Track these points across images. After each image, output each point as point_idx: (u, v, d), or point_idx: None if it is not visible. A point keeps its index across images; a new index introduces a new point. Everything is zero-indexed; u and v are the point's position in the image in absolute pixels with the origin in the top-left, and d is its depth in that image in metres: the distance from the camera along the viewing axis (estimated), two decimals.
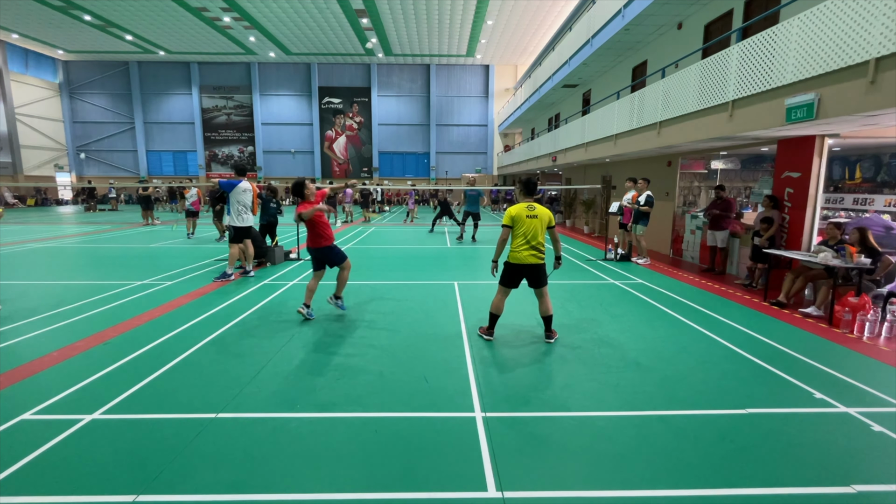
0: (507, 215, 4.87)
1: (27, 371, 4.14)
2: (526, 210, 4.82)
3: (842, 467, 2.85)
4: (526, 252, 4.77)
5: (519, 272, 4.87)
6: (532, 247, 4.77)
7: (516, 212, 4.83)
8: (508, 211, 4.86)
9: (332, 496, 2.55)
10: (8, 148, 30.89)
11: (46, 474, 2.71)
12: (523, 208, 4.84)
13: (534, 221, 4.79)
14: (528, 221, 4.78)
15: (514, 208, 4.86)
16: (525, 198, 4.99)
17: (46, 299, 6.63)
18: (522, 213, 4.81)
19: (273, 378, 4.04)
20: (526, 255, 4.78)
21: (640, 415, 3.47)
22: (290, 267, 9.31)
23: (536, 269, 4.84)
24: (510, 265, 4.89)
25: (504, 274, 4.96)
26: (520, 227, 4.79)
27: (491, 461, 2.86)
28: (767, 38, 6.51)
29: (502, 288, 4.99)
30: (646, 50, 13.76)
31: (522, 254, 4.78)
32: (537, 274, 4.86)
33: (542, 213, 4.84)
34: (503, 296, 5.00)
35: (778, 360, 4.56)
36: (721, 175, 10.27)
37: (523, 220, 4.78)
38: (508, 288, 4.97)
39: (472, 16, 25.69)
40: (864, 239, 6.05)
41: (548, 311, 4.96)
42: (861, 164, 7.44)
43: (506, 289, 4.98)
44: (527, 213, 4.80)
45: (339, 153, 37.47)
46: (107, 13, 25.31)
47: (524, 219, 4.79)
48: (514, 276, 4.90)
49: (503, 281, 4.96)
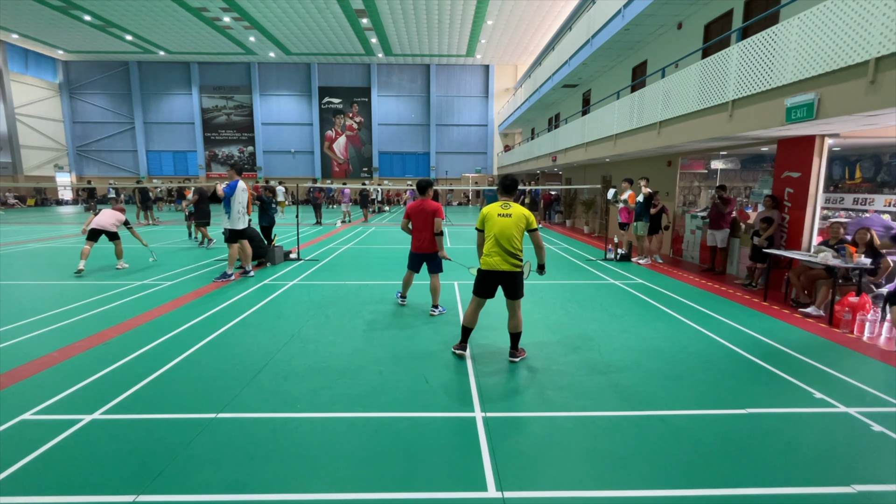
0: (479, 217, 4.45)
1: (27, 371, 4.14)
2: (499, 208, 4.35)
3: (842, 467, 2.84)
4: (497, 257, 4.26)
5: (492, 280, 4.35)
6: (504, 251, 4.25)
7: (488, 211, 4.39)
8: (481, 212, 4.46)
9: (332, 496, 2.55)
10: (8, 148, 30.89)
11: (46, 474, 2.71)
12: (496, 207, 4.38)
13: (506, 221, 4.27)
14: (500, 221, 4.28)
15: (487, 208, 4.43)
16: (503, 196, 4.53)
17: (47, 299, 6.63)
18: (493, 213, 4.34)
19: (273, 378, 4.04)
20: (497, 261, 4.26)
21: (640, 415, 3.47)
22: (289, 267, 9.31)
23: (510, 278, 4.29)
24: (481, 272, 4.41)
25: (476, 281, 4.48)
26: (491, 228, 4.31)
27: (491, 461, 2.86)
28: (767, 38, 6.51)
29: (475, 298, 4.49)
30: (646, 50, 13.76)
31: (493, 258, 4.28)
32: (512, 283, 4.31)
33: (516, 213, 4.30)
34: (476, 307, 4.50)
35: (778, 360, 4.56)
36: (721, 175, 10.27)
37: (494, 220, 4.30)
38: (481, 298, 4.47)
39: (472, 16, 25.68)
40: (873, 239, 6.05)
41: (517, 328, 4.42)
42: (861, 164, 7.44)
43: (479, 299, 4.48)
44: (499, 212, 4.32)
45: (339, 153, 37.46)
46: (107, 13, 25.30)
47: (495, 217, 4.31)
48: (486, 283, 4.39)
49: (475, 289, 4.48)
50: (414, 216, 5.95)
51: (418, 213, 5.92)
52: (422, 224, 5.92)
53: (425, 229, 5.92)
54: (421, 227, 5.93)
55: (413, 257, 6.15)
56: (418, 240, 5.99)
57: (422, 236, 5.95)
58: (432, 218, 5.90)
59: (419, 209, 5.91)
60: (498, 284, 4.39)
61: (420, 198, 6.02)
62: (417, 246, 6.02)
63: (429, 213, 5.89)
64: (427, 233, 5.93)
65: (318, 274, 8.72)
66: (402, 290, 6.54)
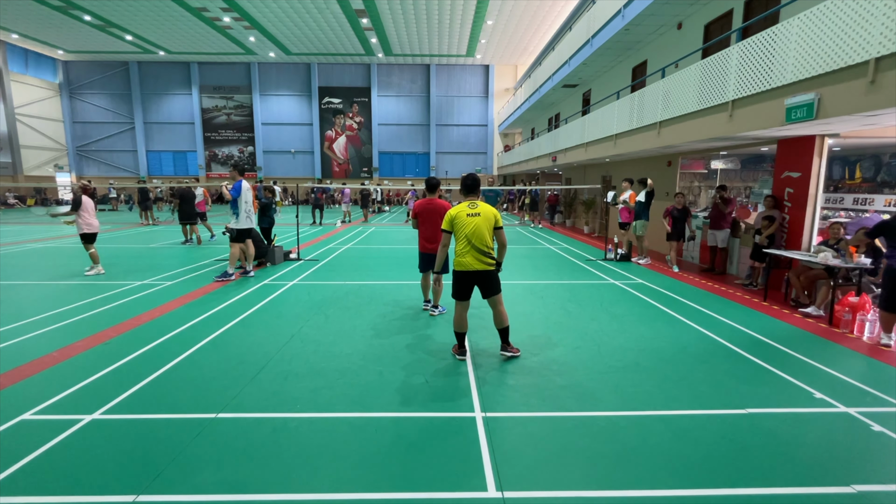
0: (447, 218, 4.41)
1: (27, 371, 4.14)
2: (467, 208, 4.33)
3: (842, 467, 2.84)
4: (469, 257, 4.27)
5: (467, 280, 4.34)
6: (476, 250, 4.25)
7: (455, 212, 4.36)
8: (447, 213, 4.44)
9: (332, 496, 2.55)
10: (8, 148, 30.89)
11: (46, 474, 2.71)
12: (464, 207, 4.36)
13: (475, 220, 4.26)
14: (469, 221, 4.27)
15: (454, 209, 4.40)
16: (466, 196, 4.50)
17: (46, 299, 6.63)
18: (462, 213, 4.32)
19: (273, 378, 4.04)
20: (470, 261, 4.27)
21: (640, 415, 3.47)
22: (289, 267, 9.31)
23: (485, 276, 4.32)
24: (456, 273, 4.37)
25: (453, 285, 4.44)
26: (461, 229, 4.29)
27: (491, 461, 2.86)
28: (767, 37, 6.50)
29: (457, 302, 4.46)
30: (646, 50, 13.76)
31: (466, 259, 4.27)
32: (488, 281, 4.34)
33: (485, 212, 4.31)
34: (462, 310, 4.45)
35: (778, 360, 4.56)
36: (721, 175, 10.27)
37: (463, 220, 4.29)
38: (463, 301, 4.42)
39: (472, 16, 25.69)
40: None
41: (503, 323, 4.47)
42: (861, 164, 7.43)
43: (461, 302, 4.43)
44: (467, 212, 4.31)
45: (339, 153, 37.47)
46: (107, 13, 25.31)
47: (464, 218, 4.29)
48: (462, 285, 4.36)
49: (454, 293, 4.44)
50: (422, 215, 5.87)
51: (427, 211, 5.84)
52: (432, 224, 5.83)
53: (435, 229, 5.81)
54: (429, 227, 5.86)
55: (423, 258, 6.06)
56: (426, 239, 5.92)
57: (430, 236, 5.89)
58: (440, 217, 5.84)
59: (428, 208, 5.84)
60: (473, 284, 4.39)
61: (429, 196, 5.97)
62: (425, 245, 5.96)
63: (438, 213, 5.79)
64: (437, 233, 5.81)
65: (318, 274, 8.72)
66: (425, 296, 6.35)
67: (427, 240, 5.93)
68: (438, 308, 6.11)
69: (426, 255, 6.01)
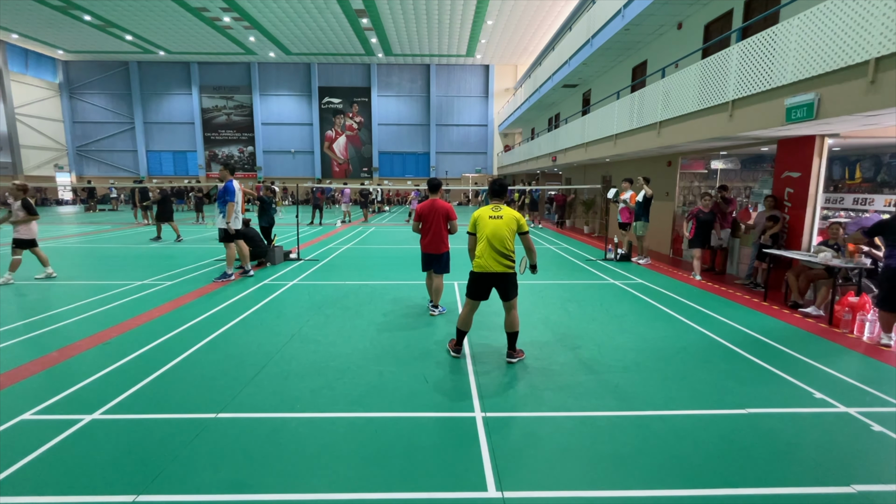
0: (471, 220, 4.49)
1: (27, 371, 4.14)
2: (490, 211, 4.40)
3: (842, 467, 2.84)
4: (489, 259, 4.29)
5: (485, 281, 4.37)
6: (495, 251, 4.28)
7: (479, 214, 4.42)
8: (472, 215, 4.49)
9: (332, 496, 2.55)
10: (8, 148, 30.87)
11: (46, 474, 2.71)
12: (488, 210, 4.42)
13: (498, 223, 4.32)
14: (491, 223, 4.32)
15: (478, 211, 4.46)
16: (493, 199, 4.58)
17: (46, 299, 6.63)
18: (485, 215, 4.38)
19: (273, 378, 4.04)
20: (490, 262, 4.29)
21: (640, 415, 3.47)
22: (289, 267, 9.31)
23: (504, 279, 4.34)
24: (474, 274, 4.41)
25: (469, 284, 4.47)
26: (483, 230, 4.34)
27: (491, 461, 2.86)
28: (767, 38, 6.50)
29: (469, 300, 4.49)
30: (646, 50, 13.76)
31: (487, 260, 4.30)
32: (505, 284, 4.36)
33: (507, 215, 4.36)
34: (470, 309, 4.51)
35: (778, 360, 4.56)
36: (721, 175, 10.27)
37: (486, 222, 4.34)
38: (475, 300, 4.47)
39: (472, 16, 25.68)
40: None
41: (513, 327, 4.44)
42: (861, 164, 7.43)
43: (473, 301, 4.48)
44: (490, 214, 4.37)
45: (339, 153, 37.46)
46: (107, 13, 25.30)
47: (486, 220, 4.35)
48: (479, 286, 4.41)
49: (468, 292, 4.47)
50: (425, 217, 5.87)
51: (429, 213, 5.84)
52: (433, 224, 5.84)
53: (436, 229, 5.84)
54: (431, 228, 5.86)
55: (425, 258, 6.06)
56: (427, 240, 5.92)
57: (431, 236, 5.88)
58: (443, 218, 5.84)
59: (430, 209, 5.84)
60: (492, 286, 4.41)
61: (431, 196, 5.97)
62: (426, 245, 5.95)
63: (440, 214, 5.82)
64: (437, 233, 5.85)
65: (318, 274, 8.72)
66: (430, 296, 6.31)
67: (427, 240, 5.94)
68: (438, 308, 6.10)
69: (426, 254, 6.03)
